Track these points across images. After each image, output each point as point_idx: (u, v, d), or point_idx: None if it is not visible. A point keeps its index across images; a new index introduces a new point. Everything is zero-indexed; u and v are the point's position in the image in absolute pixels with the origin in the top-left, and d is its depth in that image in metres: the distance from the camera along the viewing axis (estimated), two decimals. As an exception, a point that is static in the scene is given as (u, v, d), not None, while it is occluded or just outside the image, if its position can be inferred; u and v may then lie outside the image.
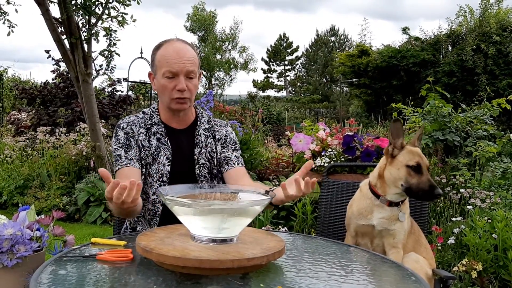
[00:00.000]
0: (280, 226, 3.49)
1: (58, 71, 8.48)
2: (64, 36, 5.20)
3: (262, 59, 43.47)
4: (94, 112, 5.42)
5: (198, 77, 1.73)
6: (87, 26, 5.26)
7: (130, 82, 12.12)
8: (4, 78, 13.13)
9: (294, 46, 43.06)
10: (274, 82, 43.28)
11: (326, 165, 3.52)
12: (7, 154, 6.20)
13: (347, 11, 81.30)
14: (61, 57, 5.51)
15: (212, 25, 33.17)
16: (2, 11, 5.33)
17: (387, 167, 1.85)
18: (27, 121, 7.98)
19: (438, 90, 4.11)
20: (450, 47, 16.27)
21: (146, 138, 1.71)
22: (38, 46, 78.39)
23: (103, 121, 7.37)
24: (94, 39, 5.38)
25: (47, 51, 7.71)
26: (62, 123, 7.22)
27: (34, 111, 8.25)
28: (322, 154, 3.67)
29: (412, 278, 1.16)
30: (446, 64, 15.20)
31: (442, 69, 15.22)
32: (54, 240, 1.44)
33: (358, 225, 1.89)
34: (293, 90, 43.77)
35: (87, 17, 5.21)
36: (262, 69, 43.32)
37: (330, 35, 43.55)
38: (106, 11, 5.29)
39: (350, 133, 3.72)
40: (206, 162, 1.75)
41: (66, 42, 5.23)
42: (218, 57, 33.53)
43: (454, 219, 3.11)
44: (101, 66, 5.69)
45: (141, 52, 11.22)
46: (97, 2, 5.20)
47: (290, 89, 43.92)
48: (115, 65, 5.99)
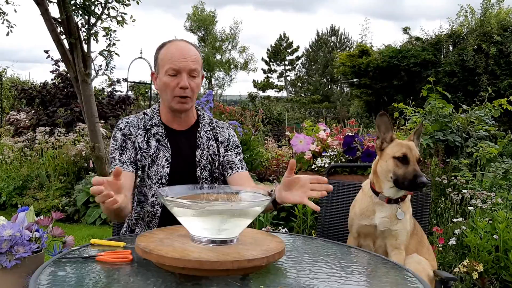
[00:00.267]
0: (280, 227, 3.49)
1: (57, 71, 8.48)
2: (63, 36, 5.20)
3: (262, 59, 43.53)
4: (94, 112, 5.41)
5: (200, 78, 1.72)
6: (87, 26, 5.25)
7: (129, 83, 12.14)
8: (3, 78, 13.15)
9: (295, 46, 43.12)
10: (274, 82, 43.32)
11: (326, 165, 3.52)
12: (6, 154, 6.19)
13: (348, 11, 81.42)
14: (60, 57, 5.50)
15: (212, 25, 33.22)
16: (1, 11, 5.32)
17: (378, 162, 1.87)
18: (26, 121, 7.98)
19: (439, 90, 4.11)
20: (451, 47, 16.29)
21: (145, 139, 1.70)
22: (37, 46, 78.48)
23: (103, 121, 7.37)
24: (94, 39, 5.37)
25: (46, 51, 7.72)
26: (61, 124, 7.22)
27: (33, 112, 8.25)
28: (323, 154, 3.67)
29: (413, 279, 1.15)
30: (447, 64, 15.22)
31: (443, 69, 15.24)
32: (53, 241, 1.43)
33: (361, 225, 1.89)
34: (293, 90, 43.82)
35: (87, 17, 5.20)
36: (262, 69, 43.40)
37: (330, 35, 43.60)
38: (106, 11, 5.29)
39: (350, 133, 3.72)
40: (207, 165, 1.74)
41: (65, 42, 5.23)
42: (218, 57, 33.58)
43: (455, 220, 3.10)
44: (100, 66, 5.69)
45: (140, 52, 11.24)
46: (96, 2, 5.19)
47: (291, 89, 43.96)
48: (115, 65, 5.99)
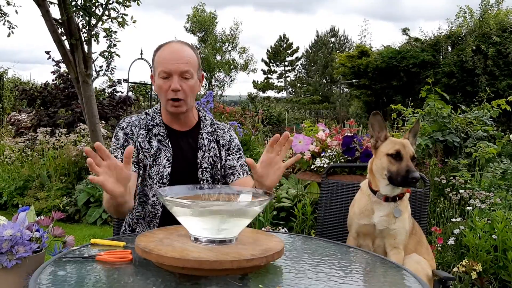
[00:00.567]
0: (280, 227, 3.50)
1: (58, 72, 8.48)
2: (64, 37, 5.21)
3: (262, 60, 43.48)
4: (94, 113, 5.42)
5: (197, 79, 1.72)
6: (87, 27, 5.26)
7: (130, 83, 12.13)
8: (4, 79, 13.14)
9: (294, 47, 43.07)
10: (274, 83, 43.27)
11: (325, 166, 3.52)
12: (7, 155, 6.20)
13: (347, 12, 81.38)
14: (61, 58, 5.51)
15: (212, 26, 33.18)
16: (2, 12, 5.34)
17: (374, 160, 1.89)
18: (27, 122, 7.98)
19: (437, 91, 4.12)
20: (450, 48, 16.27)
21: (146, 139, 1.71)
22: (38, 47, 78.46)
23: (103, 122, 7.37)
24: (94, 40, 5.39)
25: (47, 52, 7.72)
26: (62, 124, 7.22)
27: (34, 112, 8.25)
28: (322, 155, 3.67)
29: (411, 279, 1.16)
30: (446, 65, 15.20)
31: (442, 70, 15.22)
32: (53, 241, 1.44)
33: (360, 225, 1.89)
34: (293, 91, 43.77)
35: (87, 18, 5.21)
36: (262, 70, 43.34)
37: (330, 36, 43.56)
38: (106, 12, 5.30)
39: (349, 134, 3.72)
40: (209, 166, 1.74)
41: (66, 43, 5.24)
42: (218, 58, 33.54)
43: (454, 220, 3.11)
44: (101, 67, 5.71)
45: (141, 53, 11.21)
46: (97, 3, 5.20)
47: (290, 90, 43.91)
48: (115, 66, 6.02)
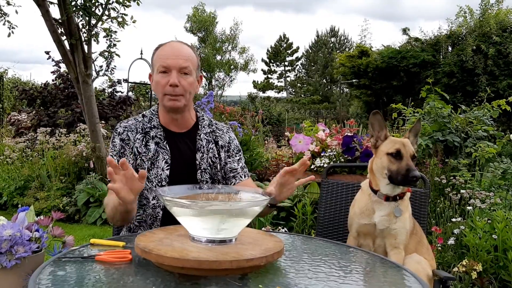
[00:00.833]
0: (280, 227, 3.50)
1: (58, 72, 8.49)
2: (64, 37, 5.21)
3: (262, 60, 43.52)
4: (94, 113, 5.42)
5: (196, 78, 1.73)
6: (87, 27, 5.26)
7: (130, 83, 12.14)
8: (4, 79, 13.14)
9: (294, 47, 43.10)
10: (274, 83, 43.30)
11: (325, 165, 3.52)
12: (7, 155, 6.20)
13: (347, 12, 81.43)
14: (61, 58, 5.51)
15: (212, 26, 33.19)
16: (2, 12, 5.34)
17: (374, 159, 1.89)
18: (27, 122, 7.98)
19: (437, 91, 4.11)
20: (450, 48, 16.28)
21: (143, 143, 1.70)
22: (38, 47, 78.50)
23: (103, 122, 7.37)
24: (94, 40, 5.38)
25: (47, 52, 7.72)
26: (62, 124, 7.22)
27: (34, 112, 8.25)
28: (322, 154, 3.67)
29: (411, 279, 1.16)
30: (446, 64, 15.21)
31: (442, 69, 15.23)
32: (53, 241, 1.44)
33: (360, 224, 1.89)
34: (293, 91, 43.79)
35: (87, 18, 5.21)
36: (262, 70, 43.38)
37: (330, 36, 43.58)
38: (106, 12, 5.30)
39: (349, 133, 3.72)
40: (208, 168, 1.74)
41: (66, 43, 5.24)
42: (218, 58, 33.55)
43: (454, 220, 3.11)
44: (101, 67, 5.70)
45: (141, 53, 11.21)
46: (97, 3, 5.20)
47: (290, 90, 43.93)
48: (115, 66, 6.00)
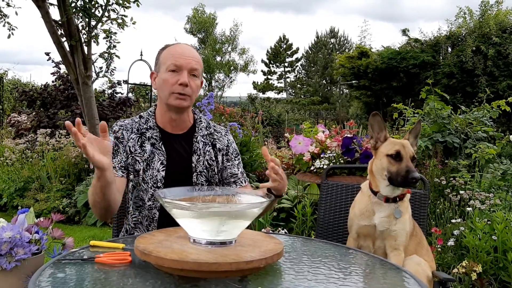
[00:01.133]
0: (279, 228, 3.50)
1: (58, 73, 8.48)
2: (64, 38, 5.21)
3: (262, 61, 43.51)
4: (94, 114, 5.42)
5: (200, 81, 1.75)
6: (87, 28, 5.26)
7: (130, 84, 12.13)
8: (4, 80, 13.15)
9: (294, 47, 43.08)
10: (274, 84, 43.29)
11: (325, 167, 3.52)
12: (7, 156, 6.20)
13: (347, 13, 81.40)
14: (61, 59, 5.51)
15: (212, 27, 33.22)
16: (2, 14, 5.35)
17: (374, 161, 1.89)
18: (27, 123, 7.99)
19: (437, 92, 4.12)
20: (449, 49, 16.29)
21: (138, 143, 1.70)
22: (38, 49, 78.62)
23: (103, 123, 7.36)
24: (94, 42, 5.39)
25: (47, 54, 7.72)
26: (62, 126, 7.22)
27: (34, 114, 8.25)
28: (321, 156, 3.67)
29: (411, 280, 1.16)
30: (446, 65, 15.21)
31: (442, 70, 15.24)
32: (53, 242, 1.44)
33: (360, 226, 1.89)
34: (293, 92, 43.79)
35: (87, 19, 5.21)
36: (262, 71, 43.36)
37: (330, 37, 43.59)
38: (106, 14, 5.30)
39: (349, 135, 3.72)
40: (204, 170, 1.74)
41: (66, 44, 5.24)
42: (218, 59, 33.58)
43: (453, 221, 3.11)
44: (101, 68, 5.70)
45: (141, 54, 11.18)
46: (96, 5, 5.21)
47: (290, 91, 43.94)
48: (115, 67, 6.02)
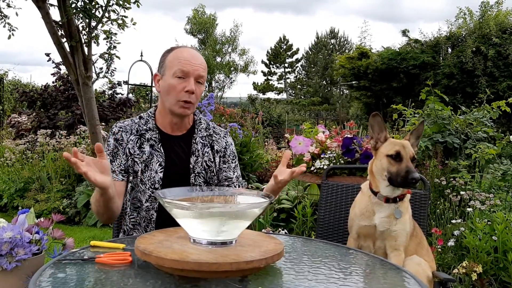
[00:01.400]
0: (280, 229, 3.50)
1: (58, 74, 8.49)
2: (64, 39, 5.21)
3: (262, 62, 43.53)
4: (94, 115, 5.42)
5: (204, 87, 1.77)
6: (87, 29, 5.26)
7: (130, 85, 12.13)
8: (4, 81, 13.15)
9: (294, 48, 43.10)
10: (274, 85, 43.30)
11: (325, 167, 3.52)
12: (8, 157, 6.20)
13: (347, 13, 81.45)
14: (61, 60, 5.51)
15: (212, 27, 33.21)
16: (2, 15, 5.35)
17: (374, 161, 1.90)
18: (28, 124, 7.99)
19: (437, 93, 4.12)
20: (449, 49, 16.28)
21: (137, 145, 1.70)
22: (38, 49, 78.64)
23: (104, 124, 7.37)
24: (94, 42, 5.38)
25: (47, 54, 7.72)
26: (63, 126, 7.23)
27: (34, 114, 8.25)
28: (322, 156, 3.67)
29: (411, 281, 1.16)
30: (446, 66, 15.21)
31: (442, 71, 15.23)
32: (53, 243, 1.44)
33: (361, 226, 1.89)
34: (293, 92, 43.80)
35: (87, 20, 5.21)
36: (262, 71, 43.38)
37: (330, 38, 43.62)
38: (106, 14, 5.30)
39: (349, 135, 3.72)
40: (202, 171, 1.74)
41: (66, 45, 5.24)
42: (218, 59, 33.57)
43: (454, 221, 3.11)
44: (101, 69, 5.70)
45: (141, 55, 11.18)
46: (97, 5, 5.21)
47: (290, 91, 43.95)
48: (115, 68, 6.00)
